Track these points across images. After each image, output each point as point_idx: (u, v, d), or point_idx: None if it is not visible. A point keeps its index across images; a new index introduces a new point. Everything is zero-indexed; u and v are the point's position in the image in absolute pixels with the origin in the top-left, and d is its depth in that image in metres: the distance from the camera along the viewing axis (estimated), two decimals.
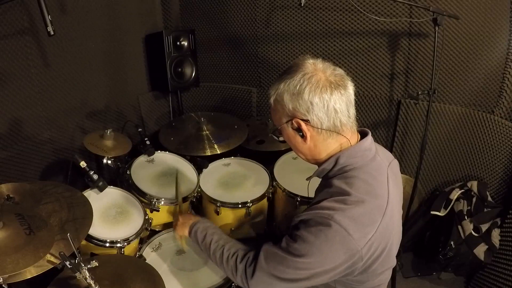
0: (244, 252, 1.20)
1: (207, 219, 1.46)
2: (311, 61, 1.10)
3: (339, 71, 1.11)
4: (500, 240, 2.10)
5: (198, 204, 2.15)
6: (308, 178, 1.26)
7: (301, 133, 1.11)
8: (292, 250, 1.04)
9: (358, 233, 0.99)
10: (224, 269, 1.23)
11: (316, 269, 1.02)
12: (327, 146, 1.12)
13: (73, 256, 1.17)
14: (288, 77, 1.08)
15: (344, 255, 1.00)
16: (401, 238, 1.19)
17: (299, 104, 1.06)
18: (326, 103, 1.05)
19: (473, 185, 2.27)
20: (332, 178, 1.12)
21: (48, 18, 1.37)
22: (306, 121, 1.08)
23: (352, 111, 1.12)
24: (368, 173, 1.09)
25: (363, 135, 1.17)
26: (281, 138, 1.21)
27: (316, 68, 1.08)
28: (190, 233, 1.41)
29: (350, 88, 1.10)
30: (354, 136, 1.14)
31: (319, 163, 1.16)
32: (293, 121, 1.10)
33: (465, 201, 2.24)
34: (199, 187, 2.06)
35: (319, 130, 1.08)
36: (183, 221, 1.50)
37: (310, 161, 1.20)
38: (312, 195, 1.26)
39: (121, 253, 1.60)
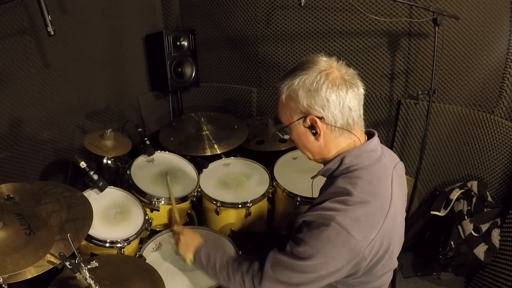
0: (249, 263, 1.19)
1: (205, 243, 1.45)
2: (325, 58, 1.10)
3: (351, 70, 1.11)
4: (500, 240, 2.10)
5: (198, 204, 2.15)
6: (313, 177, 1.25)
7: (314, 131, 1.10)
8: (296, 253, 1.05)
9: (360, 234, 0.99)
10: (232, 284, 1.22)
11: (321, 271, 1.02)
12: (337, 145, 1.12)
13: (73, 256, 1.17)
14: (303, 73, 1.06)
15: (347, 256, 1.00)
16: (403, 240, 1.19)
17: (315, 101, 1.05)
18: (342, 101, 1.04)
19: (473, 185, 2.27)
20: (336, 177, 1.12)
21: (48, 18, 1.37)
22: (321, 118, 1.07)
23: (362, 111, 1.12)
24: (373, 174, 1.08)
25: (369, 136, 1.17)
26: (286, 136, 1.20)
27: (331, 66, 1.08)
28: (194, 258, 1.40)
29: (361, 88, 1.10)
30: (362, 136, 1.14)
31: (326, 162, 1.16)
32: (307, 118, 1.08)
33: (465, 201, 2.24)
34: (199, 187, 2.06)
35: (333, 127, 1.08)
36: (185, 242, 1.48)
37: (318, 160, 1.19)
38: (316, 194, 1.25)
39: (121, 253, 1.61)
